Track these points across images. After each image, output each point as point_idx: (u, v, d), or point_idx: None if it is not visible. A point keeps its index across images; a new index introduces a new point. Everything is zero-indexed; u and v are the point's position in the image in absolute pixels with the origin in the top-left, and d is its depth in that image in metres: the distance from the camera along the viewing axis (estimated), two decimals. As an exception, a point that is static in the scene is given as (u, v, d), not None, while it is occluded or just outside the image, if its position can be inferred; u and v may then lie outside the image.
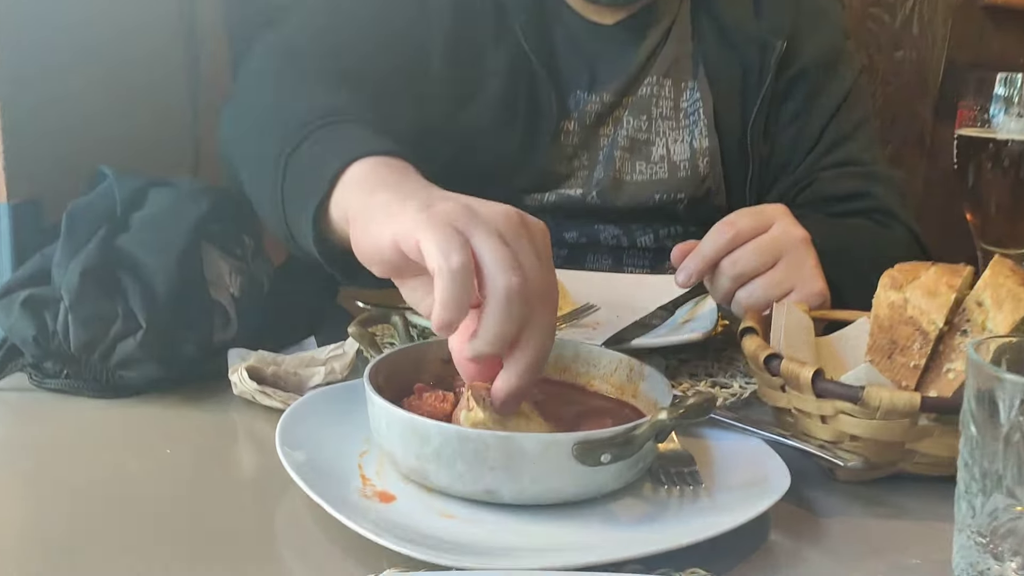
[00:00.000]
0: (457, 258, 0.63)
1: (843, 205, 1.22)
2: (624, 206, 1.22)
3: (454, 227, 0.65)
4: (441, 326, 0.64)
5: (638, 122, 1.21)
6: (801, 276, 0.93)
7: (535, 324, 0.65)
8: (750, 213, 0.96)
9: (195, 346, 0.89)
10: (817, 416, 0.74)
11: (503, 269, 0.63)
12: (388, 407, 0.68)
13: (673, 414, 0.64)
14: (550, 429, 0.71)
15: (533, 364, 0.66)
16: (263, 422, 0.83)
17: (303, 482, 0.65)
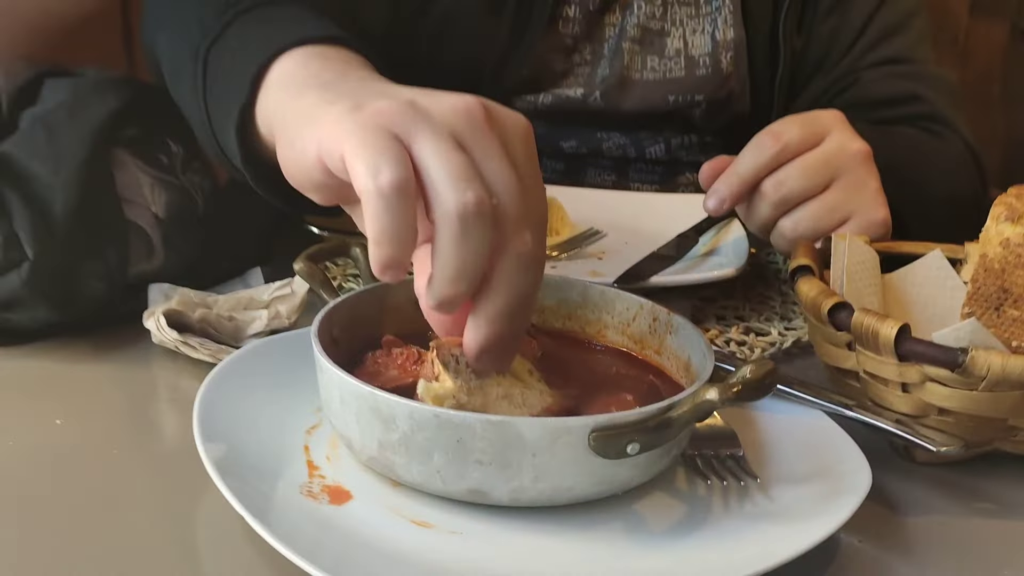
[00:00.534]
0: (388, 175, 0.46)
1: (889, 111, 1.03)
2: (632, 110, 1.04)
3: (389, 132, 0.47)
4: (381, 267, 0.47)
5: (651, 7, 1.02)
6: (860, 201, 0.76)
7: (509, 253, 0.48)
8: (799, 121, 0.78)
9: (103, 282, 0.71)
10: (896, 384, 0.58)
11: (453, 183, 0.46)
12: (341, 376, 0.51)
13: (725, 393, 0.48)
14: (553, 402, 0.54)
15: (509, 305, 0.49)
16: (191, 379, 0.65)
17: (218, 474, 0.48)
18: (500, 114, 0.51)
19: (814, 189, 0.76)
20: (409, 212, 0.46)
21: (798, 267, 0.66)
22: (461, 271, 0.47)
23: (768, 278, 0.90)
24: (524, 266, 0.49)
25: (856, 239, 0.68)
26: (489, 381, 0.52)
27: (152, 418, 0.63)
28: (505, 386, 0.53)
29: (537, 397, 0.54)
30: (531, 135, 0.52)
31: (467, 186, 0.46)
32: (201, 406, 0.55)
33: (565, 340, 0.64)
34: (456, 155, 0.47)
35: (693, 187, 1.09)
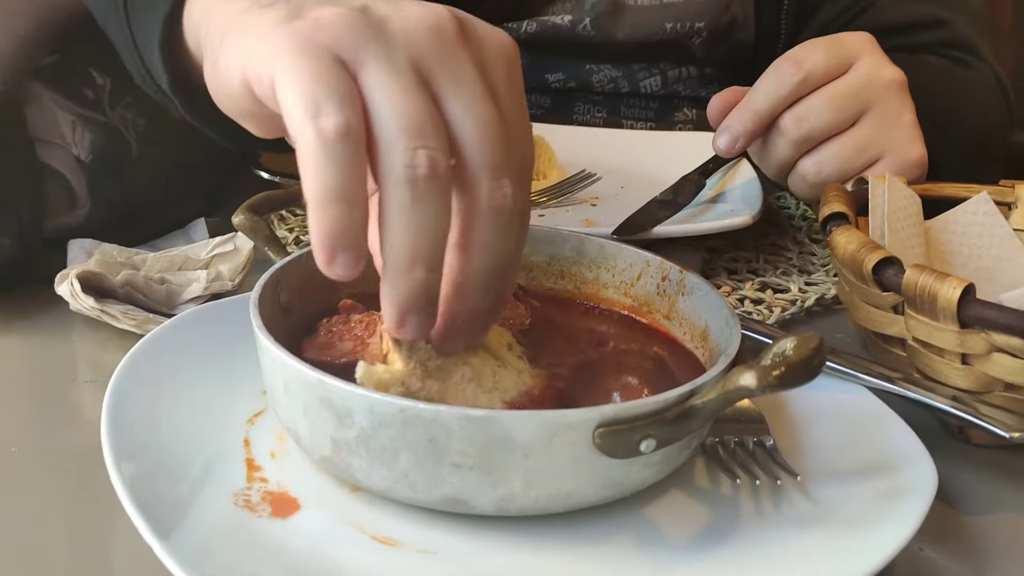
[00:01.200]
0: (332, 117, 0.35)
1: (907, 37, 0.93)
2: (626, 40, 0.93)
3: (332, 53, 0.37)
4: (325, 240, 0.36)
5: None
6: (893, 137, 0.66)
7: (482, 210, 0.38)
8: (823, 46, 0.67)
9: (12, 239, 0.60)
10: (955, 354, 0.49)
11: (403, 136, 0.37)
12: (283, 359, 0.41)
13: (765, 379, 0.38)
14: (535, 385, 0.44)
15: (484, 274, 0.39)
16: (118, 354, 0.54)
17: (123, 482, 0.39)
18: (478, 31, 0.40)
19: (841, 124, 0.66)
20: (359, 165, 0.36)
21: (832, 214, 0.56)
22: (415, 251, 0.37)
23: (781, 225, 0.80)
24: (502, 225, 0.38)
25: (896, 181, 0.58)
26: (454, 360, 0.42)
27: (66, 404, 0.52)
28: (475, 365, 0.43)
29: (514, 379, 0.44)
30: (516, 58, 0.41)
31: (419, 143, 0.37)
32: (115, 392, 0.45)
33: (555, 304, 0.55)
34: (411, 97, 0.37)
35: (692, 124, 0.99)
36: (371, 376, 0.39)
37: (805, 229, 0.79)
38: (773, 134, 0.68)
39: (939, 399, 0.49)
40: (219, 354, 0.50)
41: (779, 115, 0.67)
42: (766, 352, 0.39)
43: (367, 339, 0.46)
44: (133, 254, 0.59)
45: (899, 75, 0.67)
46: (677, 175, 0.76)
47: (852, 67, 0.67)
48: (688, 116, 0.99)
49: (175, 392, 0.47)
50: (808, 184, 0.68)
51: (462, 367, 0.42)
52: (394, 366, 0.40)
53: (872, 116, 0.66)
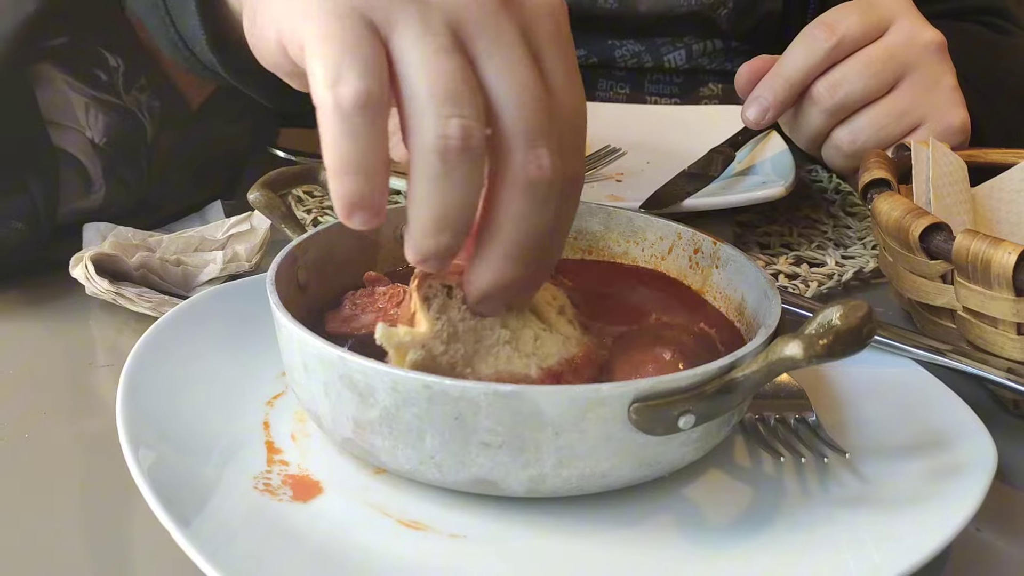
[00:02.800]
0: (351, 85, 0.34)
1: (944, 3, 0.90)
2: (649, 12, 0.90)
3: (363, 18, 0.35)
4: (345, 207, 0.35)
5: None
6: (933, 103, 0.63)
7: (516, 181, 0.36)
8: (857, 9, 0.64)
9: (26, 223, 0.58)
10: (1010, 324, 0.46)
11: (435, 105, 0.35)
12: (302, 335, 0.39)
13: (812, 348, 0.36)
14: (579, 352, 0.42)
15: (519, 246, 0.37)
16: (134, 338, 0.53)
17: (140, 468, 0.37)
18: None
19: (878, 90, 0.63)
20: (377, 135, 0.34)
21: (873, 180, 0.53)
22: (442, 220, 0.35)
23: (814, 198, 0.77)
24: (539, 197, 0.36)
25: (940, 146, 0.56)
26: (490, 321, 0.40)
27: (81, 389, 0.51)
28: (514, 328, 0.40)
29: (558, 345, 0.41)
30: (564, 18, 0.39)
31: (452, 111, 0.35)
32: (129, 378, 0.43)
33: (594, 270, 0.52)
34: (445, 61, 0.35)
35: (717, 100, 0.96)
36: (390, 338, 0.37)
37: (839, 202, 0.76)
38: (805, 103, 0.65)
39: (993, 371, 0.46)
40: (236, 335, 0.48)
41: (811, 83, 0.64)
42: (811, 321, 0.36)
43: (390, 311, 0.44)
44: (148, 236, 0.58)
45: (938, 37, 0.64)
46: (704, 150, 0.74)
47: (888, 30, 0.64)
48: (713, 91, 0.96)
49: (191, 375, 0.45)
50: (843, 154, 0.65)
51: (499, 330, 0.40)
52: (418, 328, 0.38)
53: (910, 81, 0.63)
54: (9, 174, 0.59)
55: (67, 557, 0.38)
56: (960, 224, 0.54)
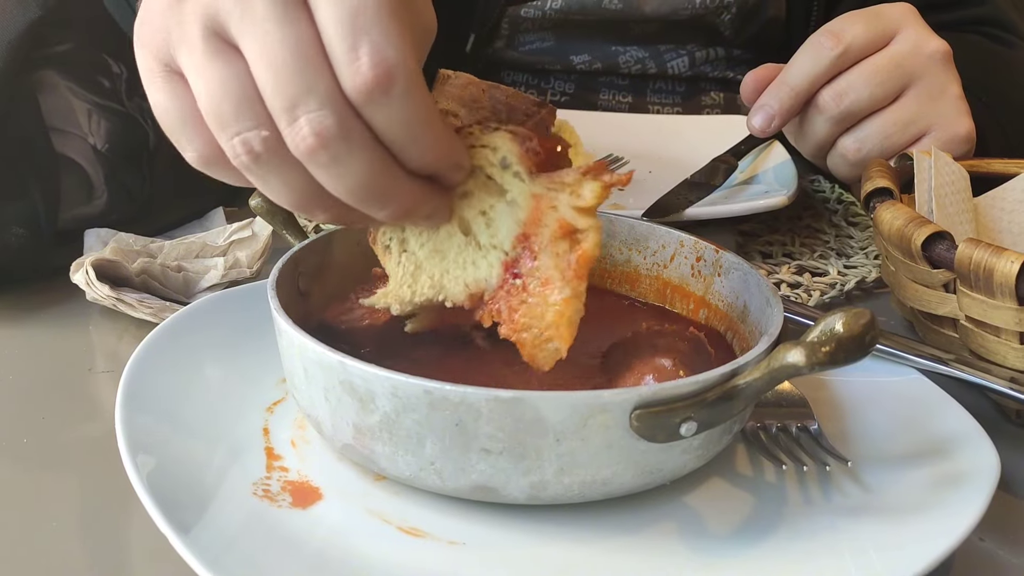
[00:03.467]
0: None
1: (946, 14, 0.90)
2: (653, 14, 0.90)
3: (156, 53, 0.37)
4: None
5: None
6: (939, 112, 0.63)
7: (302, 158, 0.35)
8: (862, 17, 0.64)
9: (27, 228, 0.58)
10: (1013, 333, 0.46)
11: (215, 127, 0.36)
12: (302, 341, 0.39)
13: (814, 355, 0.35)
14: (530, 207, 0.39)
15: (354, 201, 0.36)
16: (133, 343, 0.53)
17: (139, 474, 0.37)
18: None
19: (883, 99, 0.63)
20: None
21: (875, 190, 0.53)
22: (303, 208, 0.37)
23: (816, 208, 0.77)
24: (326, 161, 0.34)
25: (943, 155, 0.56)
26: (446, 230, 0.40)
27: (81, 395, 0.51)
28: (467, 220, 0.39)
29: (507, 216, 0.39)
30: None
31: (229, 132, 0.35)
32: (129, 383, 0.43)
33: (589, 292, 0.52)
34: (209, 73, 0.35)
35: (719, 109, 0.96)
36: (373, 305, 0.38)
37: (842, 212, 0.76)
38: (811, 111, 0.65)
39: (996, 380, 0.46)
40: (236, 342, 0.48)
41: (817, 91, 0.64)
42: (813, 329, 0.36)
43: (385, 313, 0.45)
44: (149, 242, 0.58)
45: (943, 46, 0.64)
46: (706, 159, 0.74)
47: (893, 39, 0.64)
48: (715, 100, 0.97)
49: (191, 381, 0.45)
50: (849, 163, 0.65)
51: (457, 234, 0.39)
52: (388, 285, 0.39)
53: (916, 90, 0.63)
54: (11, 179, 0.59)
55: (65, 562, 0.38)
56: (962, 233, 0.54)
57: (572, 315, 0.38)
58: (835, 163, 0.66)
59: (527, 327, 0.39)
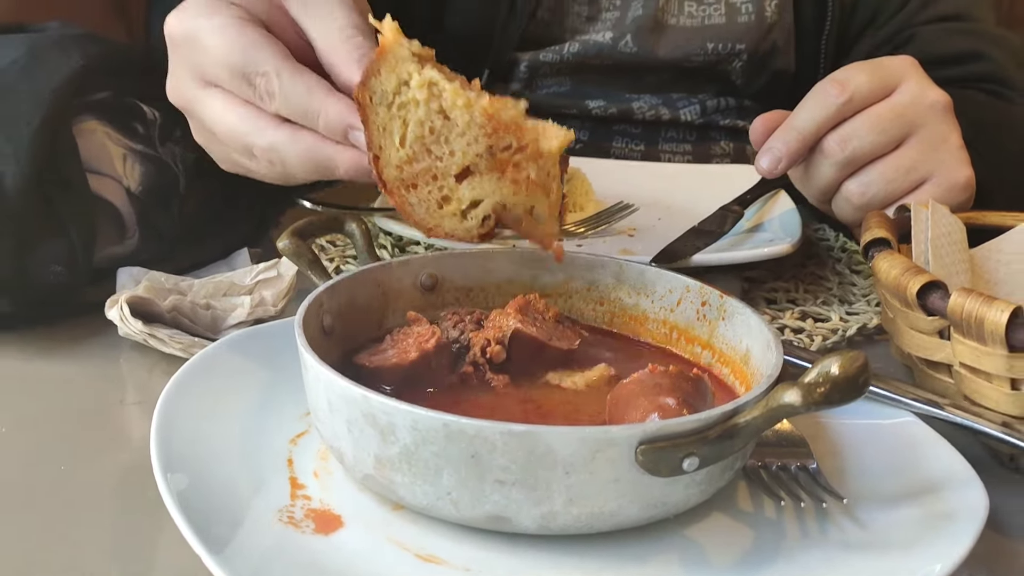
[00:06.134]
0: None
1: (950, 70, 0.93)
2: (667, 58, 0.94)
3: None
4: None
5: None
6: (940, 160, 0.65)
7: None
8: (867, 68, 0.67)
9: (64, 267, 0.61)
10: (1004, 379, 0.48)
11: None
12: (328, 376, 0.41)
13: (809, 396, 0.38)
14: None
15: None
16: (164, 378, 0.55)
17: (175, 499, 0.39)
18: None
19: (886, 146, 0.66)
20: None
21: (873, 240, 0.56)
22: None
23: (820, 256, 0.80)
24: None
25: (939, 207, 0.58)
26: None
27: (112, 425, 0.53)
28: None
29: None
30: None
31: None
32: (162, 413, 0.45)
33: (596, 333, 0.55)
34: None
35: (729, 158, 0.99)
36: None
37: (845, 260, 0.79)
38: (816, 156, 0.67)
39: (988, 424, 0.48)
40: (262, 377, 0.51)
41: (823, 137, 0.67)
42: (810, 370, 0.38)
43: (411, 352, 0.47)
44: (180, 280, 0.60)
45: (944, 97, 0.67)
46: (713, 207, 0.77)
47: (896, 90, 0.67)
48: (725, 150, 0.99)
49: (220, 413, 0.48)
50: (853, 207, 0.67)
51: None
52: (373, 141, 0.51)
53: (918, 138, 0.66)
54: (51, 219, 0.62)
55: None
56: (958, 283, 0.56)
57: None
58: (840, 207, 0.69)
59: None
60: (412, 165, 0.50)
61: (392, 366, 0.46)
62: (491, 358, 0.49)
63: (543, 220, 0.51)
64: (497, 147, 0.51)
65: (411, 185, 0.51)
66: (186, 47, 0.56)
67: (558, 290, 0.56)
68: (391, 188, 0.51)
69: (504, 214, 0.51)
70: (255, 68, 0.53)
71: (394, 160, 0.50)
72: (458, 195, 0.51)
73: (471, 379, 0.48)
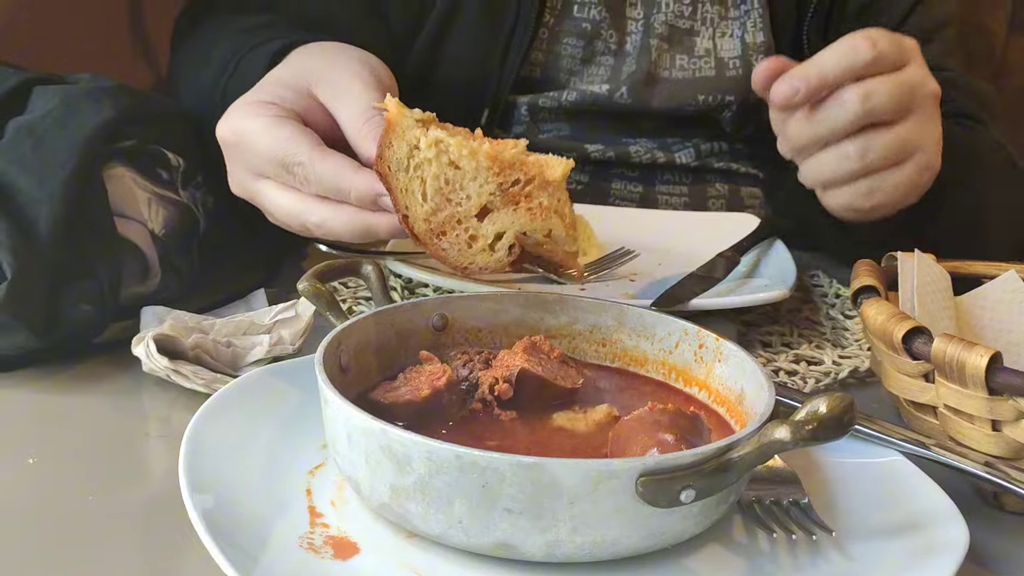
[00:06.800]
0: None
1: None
2: (661, 108, 0.98)
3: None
4: None
5: (679, 5, 0.97)
6: (927, 142, 0.69)
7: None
8: (890, 39, 0.69)
9: (92, 305, 0.64)
10: (985, 421, 0.51)
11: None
12: (348, 410, 0.44)
13: (798, 432, 0.40)
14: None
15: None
16: (185, 412, 0.58)
17: (204, 525, 0.42)
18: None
19: (899, 114, 0.68)
20: None
21: (862, 288, 0.59)
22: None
23: (814, 301, 0.83)
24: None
25: (924, 257, 0.61)
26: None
27: (137, 457, 0.56)
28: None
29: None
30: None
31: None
32: (189, 444, 0.48)
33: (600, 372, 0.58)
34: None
35: (724, 199, 1.03)
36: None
37: (839, 305, 0.81)
38: (830, 103, 0.67)
39: (972, 464, 0.50)
40: (280, 411, 0.54)
41: (843, 84, 0.66)
42: (800, 409, 0.41)
43: (424, 389, 0.50)
44: (202, 319, 0.63)
45: (938, 89, 0.70)
46: (712, 254, 0.80)
47: (906, 67, 0.69)
48: (720, 191, 1.03)
49: (242, 445, 0.50)
50: (847, 169, 0.68)
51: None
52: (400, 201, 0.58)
53: (917, 117, 0.68)
54: (81, 260, 0.65)
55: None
56: (943, 329, 0.59)
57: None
58: (820, 168, 0.69)
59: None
60: (437, 215, 0.56)
61: (405, 402, 0.49)
62: (499, 395, 0.52)
63: (562, 240, 0.58)
64: (506, 183, 0.57)
65: (440, 233, 0.57)
66: (236, 148, 0.64)
67: (563, 331, 0.59)
68: (424, 240, 0.57)
69: (526, 241, 0.57)
70: (292, 159, 0.60)
71: (421, 215, 0.56)
72: (483, 232, 0.57)
73: (480, 415, 0.51)
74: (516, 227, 0.57)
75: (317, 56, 0.68)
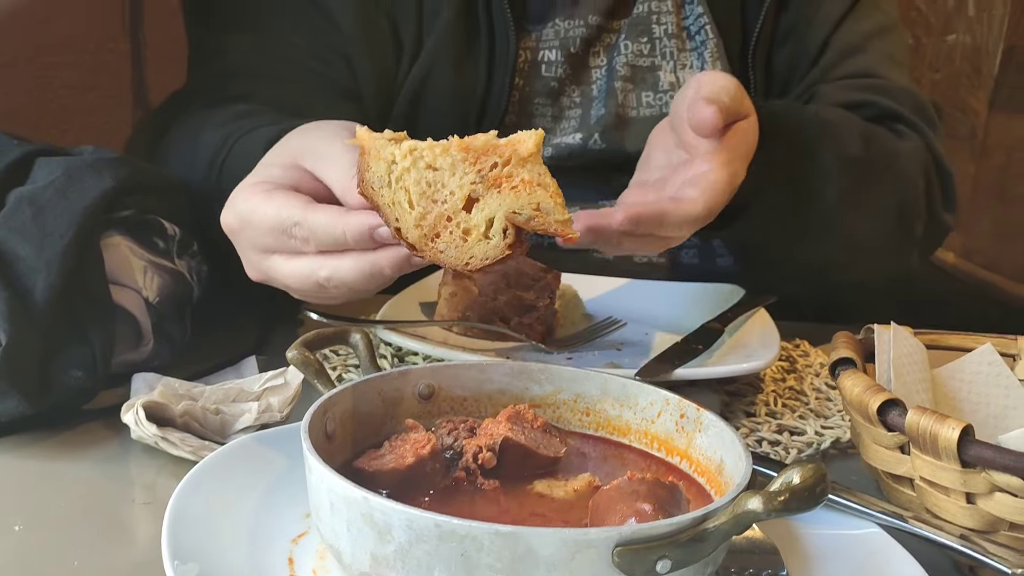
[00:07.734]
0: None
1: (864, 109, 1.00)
2: (633, 151, 1.00)
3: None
4: None
5: (638, 46, 1.00)
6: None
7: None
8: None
9: (84, 372, 0.65)
10: (960, 493, 0.51)
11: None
12: (331, 477, 0.45)
13: (770, 503, 0.41)
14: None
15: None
16: (171, 479, 0.59)
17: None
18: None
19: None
20: None
21: (839, 360, 0.60)
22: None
23: (798, 371, 0.84)
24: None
25: (900, 330, 0.63)
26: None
27: (123, 524, 0.56)
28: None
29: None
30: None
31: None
32: (173, 513, 0.48)
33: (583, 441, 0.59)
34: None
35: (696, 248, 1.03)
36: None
37: (823, 375, 0.83)
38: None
39: (948, 537, 0.51)
40: (267, 479, 0.54)
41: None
42: (775, 480, 0.42)
43: (408, 457, 0.50)
44: (192, 387, 0.64)
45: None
46: (699, 323, 0.81)
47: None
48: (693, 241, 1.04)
49: (227, 512, 0.51)
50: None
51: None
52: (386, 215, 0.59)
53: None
54: (75, 327, 0.66)
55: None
56: (920, 401, 0.60)
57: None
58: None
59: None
60: (427, 218, 0.58)
61: (390, 470, 0.50)
62: (482, 464, 0.53)
63: (552, 210, 0.58)
64: (484, 169, 0.59)
65: (435, 235, 0.58)
66: (242, 232, 0.65)
67: (547, 400, 0.60)
68: (420, 248, 0.59)
69: (518, 219, 0.58)
70: (288, 221, 0.62)
71: (411, 222, 0.58)
72: (474, 222, 0.58)
73: (463, 483, 0.52)
74: (504, 208, 0.58)
75: (301, 134, 0.70)
